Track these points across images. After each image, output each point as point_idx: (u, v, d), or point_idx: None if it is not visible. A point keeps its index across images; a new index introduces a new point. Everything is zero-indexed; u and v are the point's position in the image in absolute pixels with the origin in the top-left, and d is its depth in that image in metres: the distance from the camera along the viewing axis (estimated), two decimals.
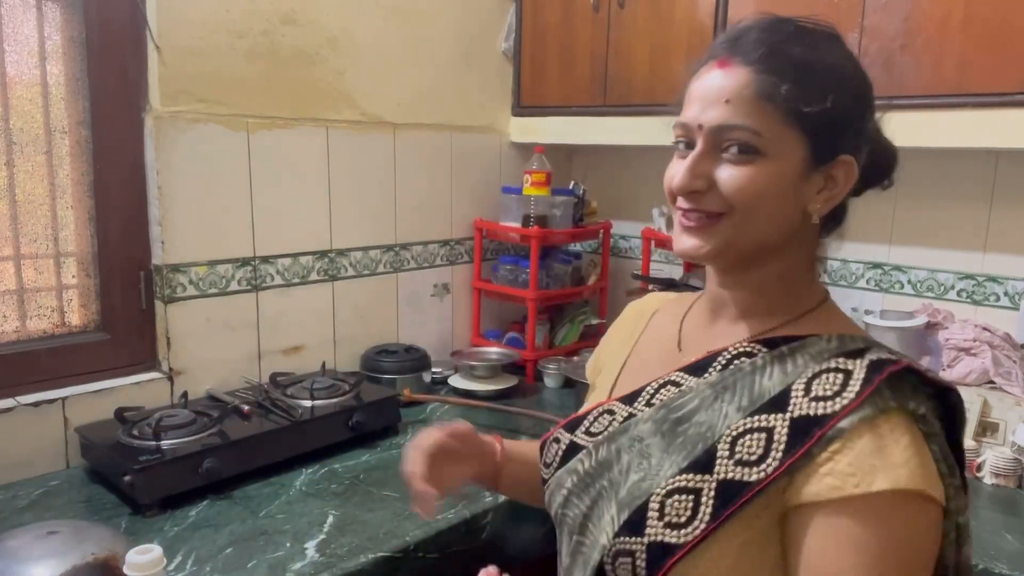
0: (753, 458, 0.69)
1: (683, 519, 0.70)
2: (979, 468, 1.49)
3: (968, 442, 1.51)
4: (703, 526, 0.69)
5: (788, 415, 0.69)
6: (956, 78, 1.49)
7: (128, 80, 1.59)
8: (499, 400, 1.90)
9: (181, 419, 1.47)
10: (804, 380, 0.71)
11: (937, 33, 1.50)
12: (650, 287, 2.04)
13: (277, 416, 1.55)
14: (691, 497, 0.70)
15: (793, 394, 0.71)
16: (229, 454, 1.42)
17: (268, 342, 1.82)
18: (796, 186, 0.74)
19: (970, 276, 1.77)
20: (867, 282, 1.92)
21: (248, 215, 1.75)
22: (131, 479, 1.30)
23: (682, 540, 0.69)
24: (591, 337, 2.29)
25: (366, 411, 1.63)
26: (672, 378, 0.81)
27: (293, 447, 1.54)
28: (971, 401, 1.58)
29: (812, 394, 0.70)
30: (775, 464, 0.68)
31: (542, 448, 0.91)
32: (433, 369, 2.01)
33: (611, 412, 0.85)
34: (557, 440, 0.88)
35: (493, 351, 2.09)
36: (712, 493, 0.70)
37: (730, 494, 0.69)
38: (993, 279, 1.74)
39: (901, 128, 1.61)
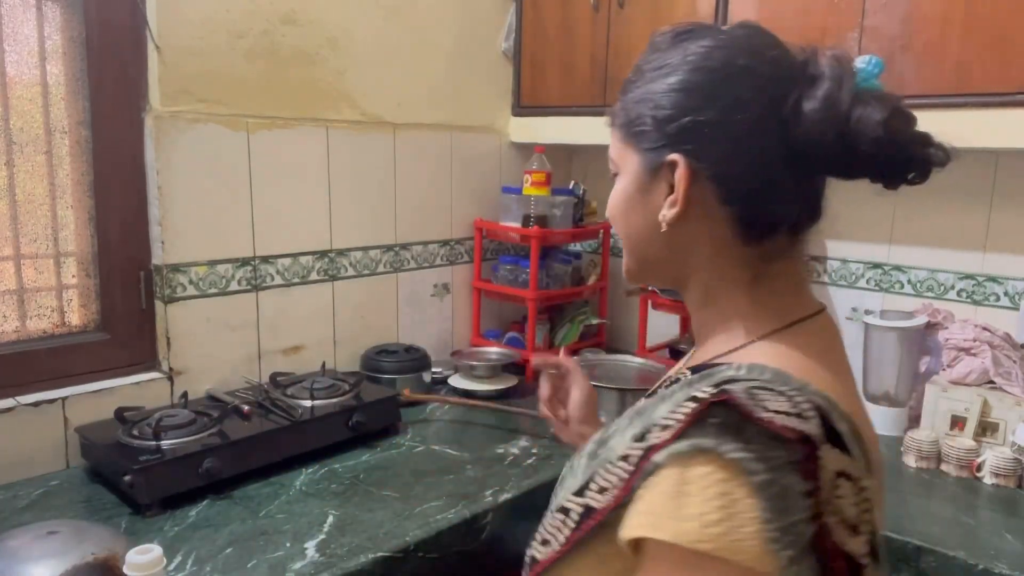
0: (607, 486, 0.65)
1: (551, 537, 0.70)
2: (979, 468, 1.49)
3: (968, 442, 1.52)
4: (558, 547, 0.68)
5: (645, 444, 0.63)
6: (956, 78, 1.49)
7: (128, 80, 1.59)
8: (499, 400, 1.90)
9: (181, 419, 1.46)
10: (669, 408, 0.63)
11: (937, 33, 1.50)
12: (650, 287, 2.04)
13: (277, 416, 1.55)
14: (562, 517, 0.69)
15: (656, 423, 0.63)
16: (229, 454, 1.42)
17: (268, 342, 1.82)
18: (642, 197, 0.72)
19: (970, 276, 1.77)
20: (867, 282, 1.92)
21: (248, 215, 1.75)
22: (131, 479, 1.30)
23: (541, 557, 0.70)
24: (591, 337, 2.29)
25: (366, 411, 1.63)
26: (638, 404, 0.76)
27: (293, 447, 1.54)
28: (971, 401, 1.58)
29: (662, 424, 0.62)
30: (614, 494, 0.63)
31: None
32: (433, 369, 2.01)
33: None
34: None
35: (493, 351, 2.09)
36: (576, 516, 0.67)
37: (583, 519, 0.66)
38: (993, 279, 1.74)
39: None
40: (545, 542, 0.70)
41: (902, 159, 0.67)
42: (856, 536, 0.57)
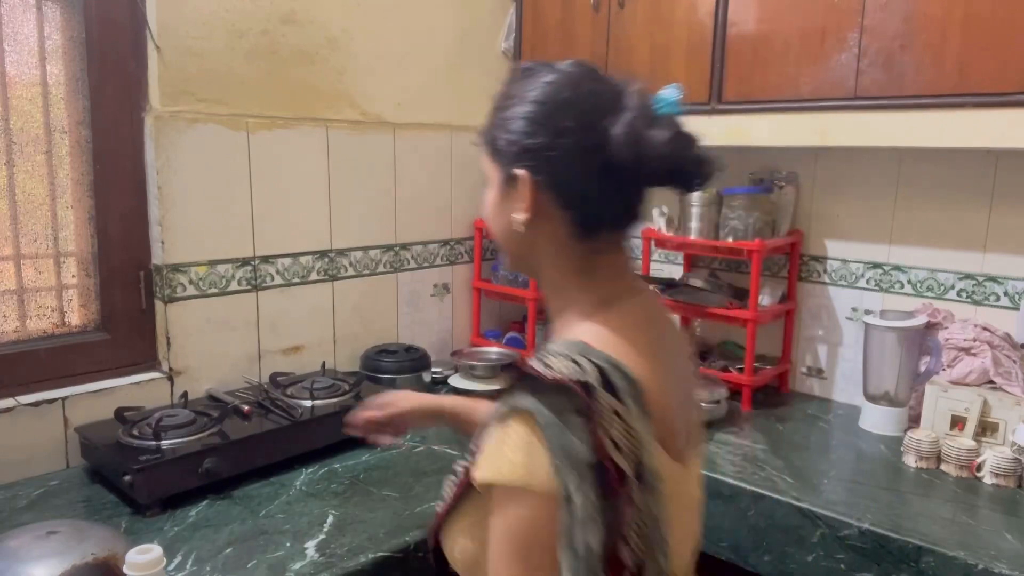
0: (475, 449, 0.81)
1: (445, 493, 0.87)
2: (979, 468, 1.49)
3: (968, 442, 1.52)
4: (448, 500, 0.86)
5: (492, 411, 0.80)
6: (956, 78, 1.49)
7: (128, 80, 1.59)
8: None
9: (181, 419, 1.47)
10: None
11: (937, 33, 1.50)
12: (650, 287, 2.04)
13: (277, 416, 1.55)
14: (453, 477, 0.86)
15: None
16: (229, 454, 1.42)
17: (268, 342, 1.82)
18: (503, 204, 0.87)
19: (970, 276, 1.77)
20: (867, 282, 1.92)
21: (248, 215, 1.75)
22: (131, 479, 1.30)
23: (439, 510, 0.88)
24: None
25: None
26: None
27: (293, 447, 1.54)
28: (971, 401, 1.58)
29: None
30: (472, 453, 0.81)
31: None
32: (433, 369, 2.01)
33: None
34: None
35: (493, 351, 2.09)
36: (459, 474, 0.85)
37: (463, 476, 0.83)
38: (993, 279, 1.74)
39: (901, 128, 1.63)
40: (442, 498, 0.88)
41: (683, 171, 0.81)
42: (620, 454, 0.71)
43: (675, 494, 0.78)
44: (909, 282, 1.86)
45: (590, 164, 0.80)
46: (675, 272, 2.20)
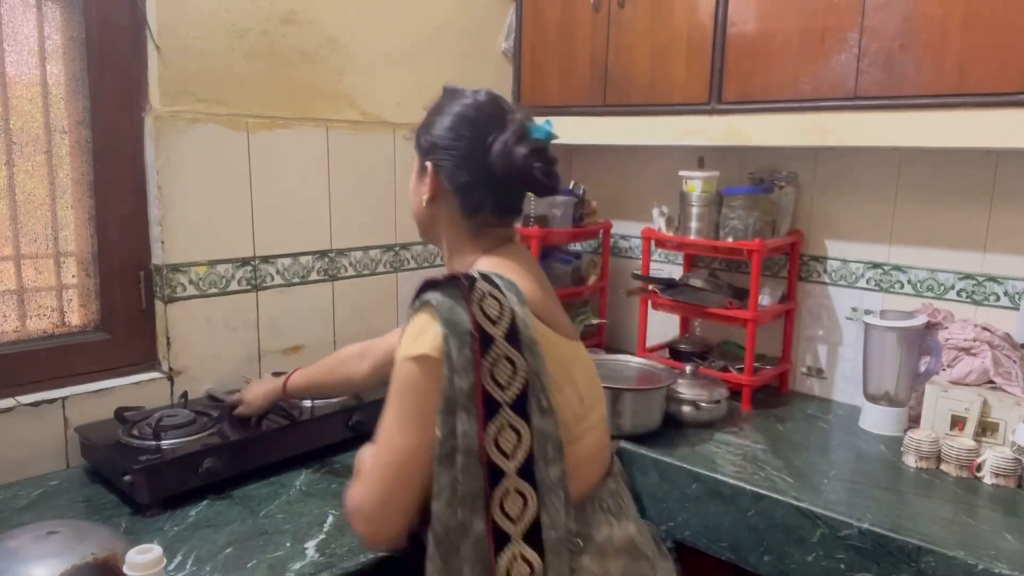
0: None
1: None
2: (979, 468, 1.49)
3: (968, 442, 1.52)
4: None
5: None
6: (956, 78, 1.49)
7: (128, 80, 1.59)
8: None
9: (181, 419, 1.47)
10: None
11: (937, 33, 1.50)
12: (650, 287, 2.04)
13: (277, 416, 1.55)
14: None
15: None
16: (229, 454, 1.42)
17: (268, 342, 1.82)
18: (417, 186, 1.17)
19: (970, 276, 1.77)
20: (867, 282, 1.92)
21: (248, 215, 1.75)
22: (131, 479, 1.30)
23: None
24: (591, 337, 2.29)
25: (366, 411, 1.63)
26: None
27: (293, 447, 1.54)
28: (971, 401, 1.58)
29: None
30: None
31: None
32: None
33: None
34: None
35: None
36: None
37: None
38: (993, 279, 1.74)
39: (901, 128, 1.63)
40: None
41: (534, 178, 1.10)
42: (492, 324, 0.97)
43: (570, 359, 1.07)
44: (909, 282, 1.86)
45: (475, 165, 1.09)
46: (675, 272, 2.20)
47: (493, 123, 1.10)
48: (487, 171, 1.08)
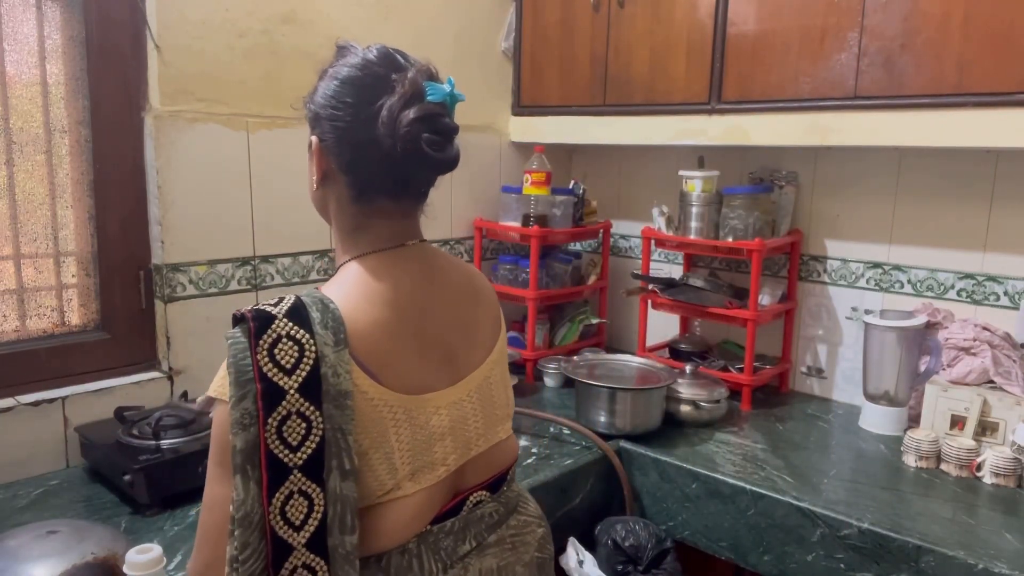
0: None
1: None
2: (979, 468, 1.49)
3: (968, 441, 1.52)
4: None
5: None
6: (956, 78, 1.49)
7: (128, 80, 1.59)
8: None
9: (181, 418, 1.46)
10: None
11: (937, 33, 1.50)
12: (650, 286, 2.04)
13: None
14: None
15: None
16: None
17: None
18: (309, 165, 0.97)
19: (970, 276, 1.77)
20: (867, 282, 1.92)
21: (248, 215, 1.75)
22: (131, 478, 1.30)
23: None
24: (591, 337, 2.29)
25: None
26: None
27: None
28: (971, 401, 1.58)
29: None
30: None
31: None
32: None
33: None
34: None
35: None
36: None
37: None
38: (993, 279, 1.74)
39: (901, 128, 1.63)
40: None
41: (421, 152, 0.90)
42: (282, 373, 0.81)
43: (394, 419, 0.87)
44: (909, 282, 1.86)
45: (360, 137, 0.90)
46: (675, 272, 2.20)
47: (381, 85, 0.90)
48: (374, 144, 0.89)
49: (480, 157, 2.26)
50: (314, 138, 0.95)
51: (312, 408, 0.81)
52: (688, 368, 1.84)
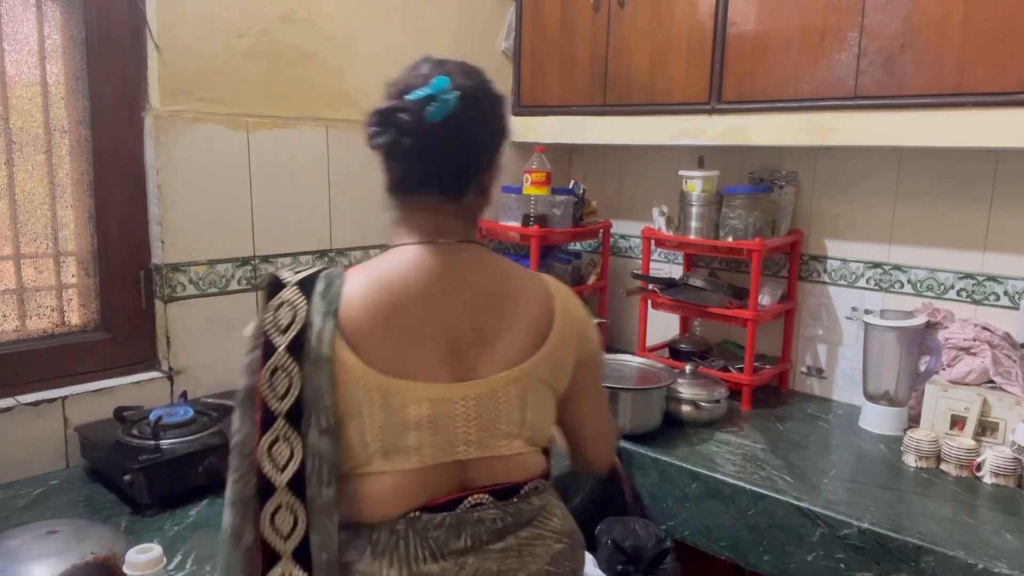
0: None
1: None
2: (979, 467, 1.49)
3: (968, 441, 1.52)
4: None
5: None
6: (956, 78, 1.49)
7: (128, 79, 1.59)
8: None
9: (181, 418, 1.46)
10: None
11: (937, 33, 1.50)
12: (650, 286, 2.04)
13: None
14: None
15: None
16: (229, 453, 1.41)
17: None
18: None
19: (970, 276, 1.77)
20: (867, 281, 1.92)
21: (248, 215, 1.75)
22: (131, 478, 1.30)
23: None
24: None
25: None
26: None
27: None
28: (971, 401, 1.58)
29: None
30: None
31: None
32: None
33: None
34: None
35: None
36: None
37: None
38: (993, 279, 1.74)
39: (901, 128, 1.63)
40: None
41: (371, 142, 1.02)
42: (280, 333, 0.92)
43: (367, 397, 0.92)
44: (909, 282, 1.86)
45: (388, 138, 1.00)
46: (675, 272, 2.20)
47: (401, 88, 0.99)
48: (396, 147, 1.00)
49: None
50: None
51: (295, 365, 0.90)
52: (688, 368, 1.84)
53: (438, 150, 0.97)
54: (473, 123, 0.98)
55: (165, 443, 1.38)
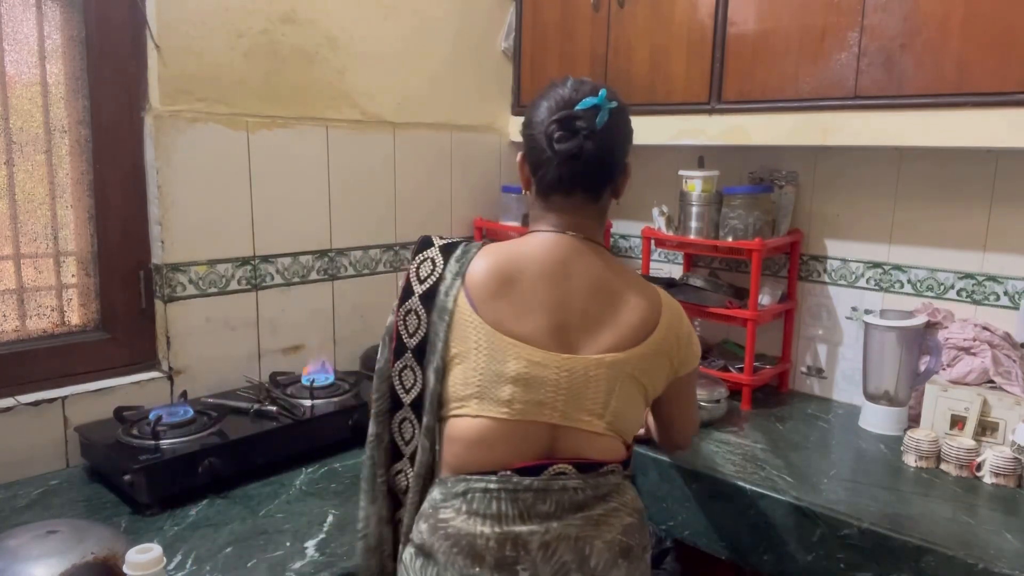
0: None
1: None
2: (979, 467, 1.49)
3: (968, 441, 1.52)
4: None
5: None
6: (956, 78, 1.49)
7: (128, 80, 1.59)
8: None
9: (181, 418, 1.47)
10: None
11: (937, 33, 1.50)
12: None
13: (277, 415, 1.55)
14: None
15: None
16: (229, 453, 1.42)
17: (268, 341, 1.82)
18: (519, 171, 1.23)
19: (970, 276, 1.77)
20: (867, 281, 1.92)
21: (248, 215, 1.75)
22: (131, 478, 1.30)
23: None
24: None
25: (366, 410, 1.62)
26: None
27: (293, 446, 1.54)
28: (971, 400, 1.58)
29: None
30: None
31: None
32: None
33: None
34: None
35: None
36: None
37: None
38: (993, 279, 1.74)
39: (901, 128, 1.63)
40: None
41: (551, 145, 1.11)
42: (420, 283, 1.14)
43: (478, 346, 1.07)
44: (909, 282, 1.86)
45: (533, 144, 1.14)
46: (675, 272, 2.20)
47: (547, 105, 1.13)
48: (539, 148, 1.13)
49: (480, 157, 2.26)
50: (520, 153, 1.19)
51: (424, 311, 1.11)
52: None
53: (596, 154, 1.11)
54: (618, 130, 1.14)
55: (165, 443, 1.38)
